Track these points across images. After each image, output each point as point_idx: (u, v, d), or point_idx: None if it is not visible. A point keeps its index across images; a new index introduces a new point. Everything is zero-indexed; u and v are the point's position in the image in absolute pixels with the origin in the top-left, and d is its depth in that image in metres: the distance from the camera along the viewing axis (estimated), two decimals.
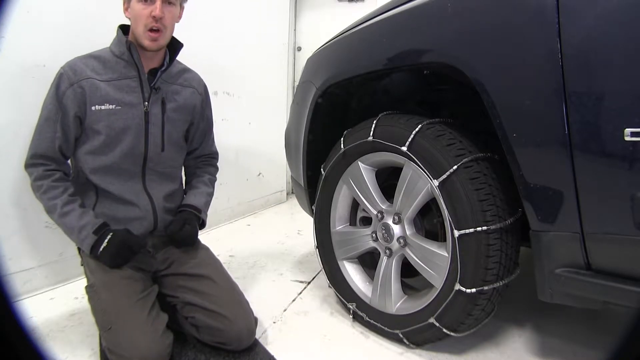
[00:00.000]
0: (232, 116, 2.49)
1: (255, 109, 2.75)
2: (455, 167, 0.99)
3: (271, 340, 1.24)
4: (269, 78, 2.96)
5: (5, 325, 0.50)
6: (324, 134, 1.42)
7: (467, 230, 0.98)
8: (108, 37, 1.21)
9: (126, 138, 1.17)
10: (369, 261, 1.39)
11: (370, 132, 1.18)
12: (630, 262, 0.78)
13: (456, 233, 0.99)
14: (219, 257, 1.36)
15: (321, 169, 1.40)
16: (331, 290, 1.45)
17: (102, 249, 1.11)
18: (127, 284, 1.12)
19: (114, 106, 1.14)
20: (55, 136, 1.12)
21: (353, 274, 1.37)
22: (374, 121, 1.19)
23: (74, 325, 1.29)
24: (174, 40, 1.25)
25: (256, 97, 2.76)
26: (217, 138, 1.50)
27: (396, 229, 1.18)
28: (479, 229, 0.96)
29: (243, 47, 2.59)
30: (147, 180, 1.23)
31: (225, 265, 1.34)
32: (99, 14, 1.53)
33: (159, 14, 1.11)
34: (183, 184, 1.40)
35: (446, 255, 1.05)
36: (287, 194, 3.29)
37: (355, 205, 1.39)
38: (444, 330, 1.07)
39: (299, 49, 3.34)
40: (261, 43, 2.82)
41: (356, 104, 1.47)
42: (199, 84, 1.35)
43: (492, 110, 0.87)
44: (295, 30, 3.32)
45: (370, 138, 1.18)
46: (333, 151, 1.35)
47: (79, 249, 1.20)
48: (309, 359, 1.17)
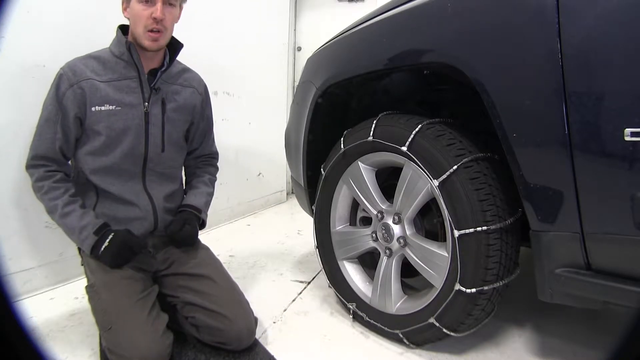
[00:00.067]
0: (232, 116, 2.49)
1: (255, 109, 2.75)
2: (455, 167, 0.99)
3: (271, 340, 1.24)
4: (269, 78, 2.96)
5: (5, 325, 0.50)
6: (324, 134, 1.42)
7: (467, 230, 0.98)
8: (108, 37, 1.21)
9: (126, 139, 1.17)
10: (369, 261, 1.39)
11: (370, 132, 1.18)
12: (630, 262, 0.78)
13: (456, 233, 1.00)
14: (219, 257, 1.36)
15: (321, 169, 1.40)
16: (331, 290, 1.45)
17: (103, 249, 1.11)
18: (128, 284, 1.12)
19: (114, 107, 1.14)
20: (55, 137, 1.12)
21: (353, 274, 1.37)
22: (374, 121, 1.19)
23: (74, 325, 1.29)
24: (174, 41, 1.25)
25: (256, 97, 2.76)
26: (217, 138, 1.50)
27: (396, 229, 1.18)
28: (479, 229, 0.96)
29: (243, 47, 2.59)
30: (147, 180, 1.23)
31: (225, 265, 1.34)
32: (99, 14, 1.53)
33: (160, 16, 1.10)
34: (183, 184, 1.40)
35: (446, 255, 1.05)
36: (287, 194, 3.29)
37: (355, 205, 1.39)
38: (444, 330, 1.07)
39: (299, 49, 3.34)
40: (261, 43, 2.82)
41: (356, 104, 1.46)
42: (199, 83, 1.35)
43: (492, 110, 0.87)
44: (295, 30, 3.32)
45: (370, 138, 1.18)
46: (333, 151, 1.35)
47: (79, 249, 1.21)
48: (309, 359, 1.17)
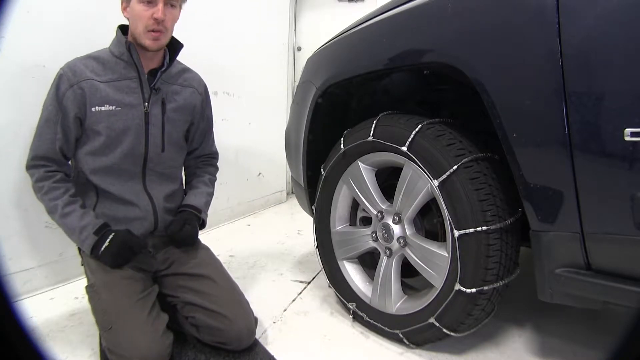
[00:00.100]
0: (232, 116, 2.49)
1: (255, 109, 2.75)
2: (455, 167, 0.99)
3: (271, 340, 1.24)
4: (269, 78, 2.96)
5: (5, 325, 0.50)
6: (324, 134, 1.42)
7: (467, 230, 0.98)
8: (108, 37, 1.21)
9: (126, 139, 1.17)
10: (369, 261, 1.39)
11: (370, 132, 1.18)
12: (630, 262, 0.78)
13: (456, 233, 0.99)
14: (219, 257, 1.36)
15: (321, 169, 1.40)
16: (331, 290, 1.45)
17: (103, 249, 1.11)
18: (128, 284, 1.12)
19: (113, 107, 1.14)
20: (55, 137, 1.12)
21: (353, 274, 1.37)
22: (374, 121, 1.19)
23: (74, 325, 1.29)
24: (174, 41, 1.25)
25: (256, 97, 2.76)
26: (217, 138, 1.50)
27: (396, 229, 1.18)
28: (479, 229, 0.96)
29: (243, 47, 2.59)
30: (147, 180, 1.23)
31: (225, 265, 1.34)
32: (99, 14, 1.53)
33: (162, 17, 1.10)
34: (183, 184, 1.40)
35: (446, 255, 1.05)
36: (287, 194, 3.29)
37: (355, 205, 1.39)
38: (444, 330, 1.07)
39: (299, 49, 3.34)
40: (261, 43, 2.82)
41: (356, 104, 1.46)
42: (199, 84, 1.35)
43: (492, 110, 0.87)
44: (295, 30, 3.32)
45: (370, 138, 1.18)
46: (333, 151, 1.35)
47: (79, 249, 1.20)
48: (309, 359, 1.17)
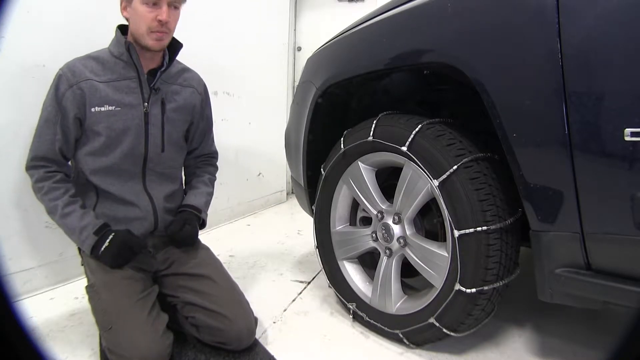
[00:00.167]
0: (232, 116, 2.48)
1: (255, 109, 2.75)
2: (455, 167, 0.99)
3: (271, 340, 1.24)
4: (269, 78, 2.96)
5: (5, 325, 0.50)
6: (324, 134, 1.42)
7: (467, 230, 0.98)
8: (108, 37, 1.21)
9: (126, 139, 1.17)
10: (369, 261, 1.39)
11: (370, 132, 1.18)
12: (630, 262, 0.78)
13: (456, 233, 0.99)
14: (219, 257, 1.36)
15: (321, 169, 1.40)
16: (331, 290, 1.45)
17: (103, 250, 1.11)
18: (128, 284, 1.12)
19: (113, 107, 1.14)
20: (55, 138, 1.12)
21: (353, 274, 1.37)
22: (374, 121, 1.19)
23: (74, 325, 1.29)
24: (174, 41, 1.24)
25: (256, 97, 2.76)
26: (217, 138, 1.50)
27: (396, 229, 1.18)
28: (479, 229, 0.96)
29: (243, 47, 2.59)
30: (147, 180, 1.23)
31: (225, 265, 1.34)
32: (99, 14, 1.53)
33: (167, 19, 1.11)
34: (183, 184, 1.40)
35: (446, 255, 1.05)
36: (287, 194, 3.29)
37: (355, 205, 1.39)
38: (444, 330, 1.07)
39: (299, 49, 3.34)
40: (261, 43, 2.82)
41: (356, 104, 1.46)
42: (198, 83, 1.35)
43: (492, 110, 0.87)
44: (295, 30, 3.31)
45: (370, 138, 1.18)
46: (333, 151, 1.35)
47: (79, 249, 1.20)
48: (309, 359, 1.17)
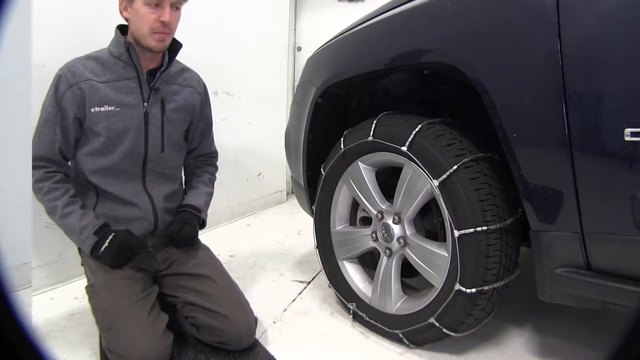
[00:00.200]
0: (232, 116, 2.48)
1: (255, 109, 2.75)
2: (455, 167, 0.99)
3: (271, 340, 1.24)
4: (269, 78, 2.96)
5: (5, 325, 0.50)
6: (324, 134, 1.42)
7: (467, 230, 0.98)
8: (108, 37, 1.21)
9: (126, 139, 1.17)
10: (369, 261, 1.39)
11: (370, 132, 1.18)
12: (630, 262, 0.78)
13: (456, 233, 0.99)
14: (219, 257, 1.36)
15: (321, 169, 1.40)
16: (331, 290, 1.45)
17: (103, 250, 1.11)
18: (128, 284, 1.12)
19: (113, 108, 1.14)
20: (54, 138, 1.12)
21: (353, 274, 1.37)
22: (374, 121, 1.19)
23: (74, 325, 1.29)
24: (173, 40, 1.24)
25: (256, 97, 2.76)
26: (217, 138, 1.50)
27: (396, 229, 1.18)
28: (479, 229, 0.96)
29: (243, 47, 2.59)
30: (147, 180, 1.23)
31: (225, 265, 1.34)
32: (99, 14, 1.53)
33: (169, 20, 1.11)
34: (183, 184, 1.40)
35: (446, 255, 1.05)
36: (287, 194, 3.29)
37: (355, 205, 1.39)
38: (444, 330, 1.07)
39: (299, 49, 3.34)
40: (261, 43, 2.82)
41: (356, 104, 1.46)
42: (198, 83, 1.35)
43: (492, 110, 0.87)
44: (295, 30, 3.31)
45: (370, 138, 1.18)
46: (333, 151, 1.35)
47: (79, 249, 1.20)
48: (309, 359, 1.17)
